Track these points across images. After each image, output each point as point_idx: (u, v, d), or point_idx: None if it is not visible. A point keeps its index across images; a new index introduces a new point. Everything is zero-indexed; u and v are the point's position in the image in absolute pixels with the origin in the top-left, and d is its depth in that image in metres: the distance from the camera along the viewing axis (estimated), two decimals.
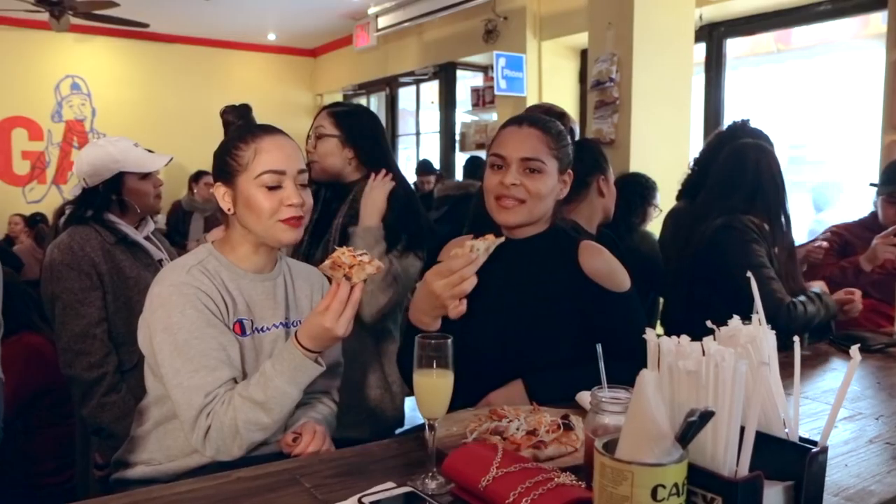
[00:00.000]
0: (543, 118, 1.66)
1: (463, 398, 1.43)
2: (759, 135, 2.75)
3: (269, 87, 8.91)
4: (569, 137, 1.65)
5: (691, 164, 2.94)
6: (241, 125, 1.51)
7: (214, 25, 8.06)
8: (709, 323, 1.46)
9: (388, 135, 7.55)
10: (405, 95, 8.20)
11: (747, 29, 5.02)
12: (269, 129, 1.49)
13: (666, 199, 3.87)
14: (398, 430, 2.06)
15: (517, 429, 1.26)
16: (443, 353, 1.11)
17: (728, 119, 4.28)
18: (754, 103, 5.58)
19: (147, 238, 2.21)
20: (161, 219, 5.84)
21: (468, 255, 1.36)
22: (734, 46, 5.18)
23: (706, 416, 0.83)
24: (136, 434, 1.52)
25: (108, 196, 2.13)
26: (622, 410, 1.07)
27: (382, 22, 7.03)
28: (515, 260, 1.58)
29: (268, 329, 1.50)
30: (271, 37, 8.71)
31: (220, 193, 1.47)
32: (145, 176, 2.19)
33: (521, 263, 1.60)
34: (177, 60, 8.37)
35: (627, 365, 1.39)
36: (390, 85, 8.11)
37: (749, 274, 1.28)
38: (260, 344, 1.48)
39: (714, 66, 5.09)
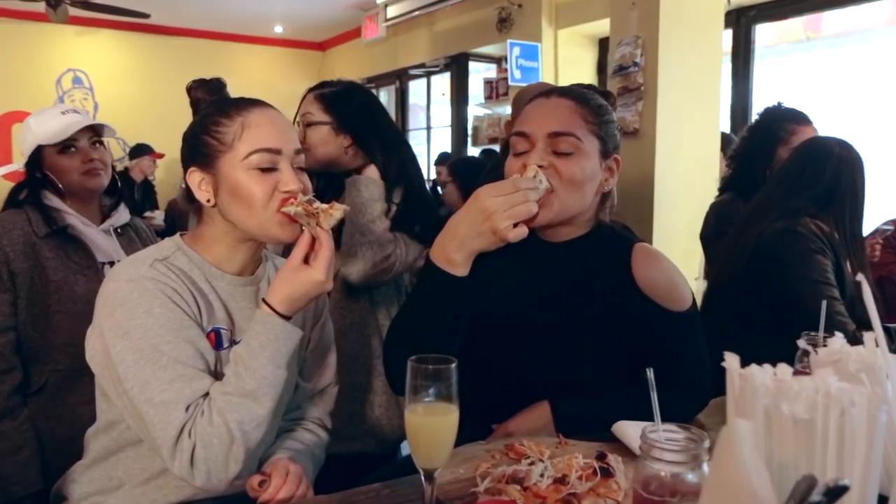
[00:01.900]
0: (578, 89, 1.37)
1: (473, 424, 1.16)
2: (798, 116, 2.50)
3: (275, 82, 8.67)
4: (614, 115, 1.34)
5: (727, 156, 2.68)
6: (217, 100, 1.23)
7: (219, 17, 7.86)
8: (801, 343, 1.18)
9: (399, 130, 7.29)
10: (416, 88, 7.94)
11: (777, 13, 4.74)
12: (257, 102, 1.22)
13: (694, 194, 3.60)
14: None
15: (541, 475, 0.98)
16: (445, 381, 0.83)
17: (756, 112, 4.03)
18: (782, 95, 5.29)
19: (117, 231, 1.88)
20: (160, 215, 5.61)
21: (532, 180, 1.14)
22: (762, 34, 4.90)
23: (835, 492, 0.55)
24: (81, 463, 1.27)
25: (32, 175, 1.82)
26: (684, 460, 0.81)
27: (392, 12, 6.79)
28: (551, 268, 1.31)
29: None
30: (278, 29, 8.51)
31: (195, 181, 1.20)
32: (65, 149, 1.81)
33: (558, 272, 1.31)
34: (181, 54, 8.14)
35: (680, 396, 1.14)
36: (400, 78, 7.85)
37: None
38: None
39: (742, 54, 4.81)
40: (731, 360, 0.70)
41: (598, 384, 1.27)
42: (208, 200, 1.19)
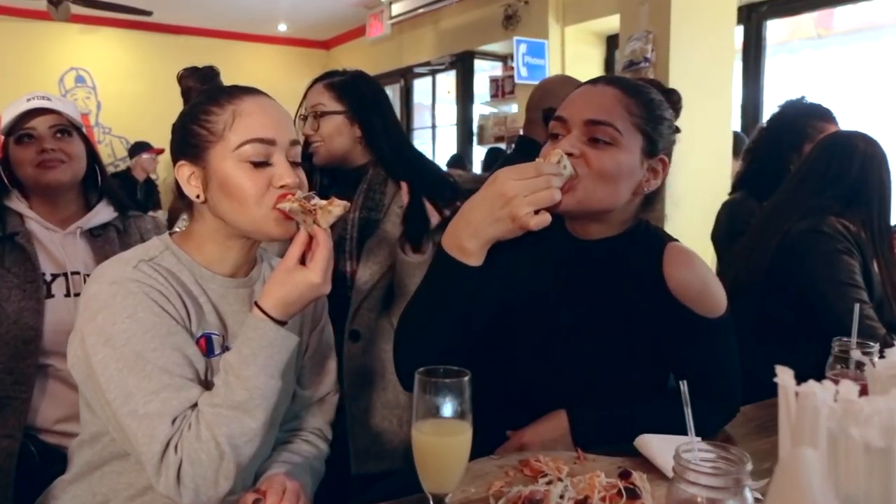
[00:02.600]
0: (631, 80, 1.25)
1: (484, 431, 1.08)
2: (826, 113, 2.40)
3: (279, 81, 8.55)
4: (670, 114, 1.22)
5: (743, 151, 2.58)
6: (207, 88, 1.14)
7: (223, 16, 7.80)
8: (850, 350, 1.10)
9: (403, 128, 7.22)
10: (421, 87, 7.86)
11: (789, 9, 4.64)
12: (251, 90, 1.13)
13: (706, 193, 3.50)
14: None
15: (561, 496, 0.90)
16: (457, 396, 0.74)
17: (767, 110, 3.93)
18: (793, 93, 5.19)
19: (91, 233, 1.68)
20: (162, 216, 5.53)
21: (556, 165, 1.05)
22: (772, 31, 4.81)
23: None
24: (63, 479, 1.19)
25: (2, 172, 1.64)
26: (724, 484, 0.73)
27: (396, 9, 6.71)
28: (578, 266, 1.23)
29: None
30: (282, 28, 8.44)
31: (184, 175, 1.11)
32: (21, 138, 1.62)
33: (585, 271, 1.23)
34: (184, 53, 8.05)
35: (709, 408, 1.06)
36: (405, 76, 7.77)
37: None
38: None
39: (753, 51, 4.72)
40: (784, 376, 0.62)
41: (619, 392, 1.18)
42: (198, 196, 1.11)
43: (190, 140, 1.10)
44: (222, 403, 0.99)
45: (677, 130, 1.24)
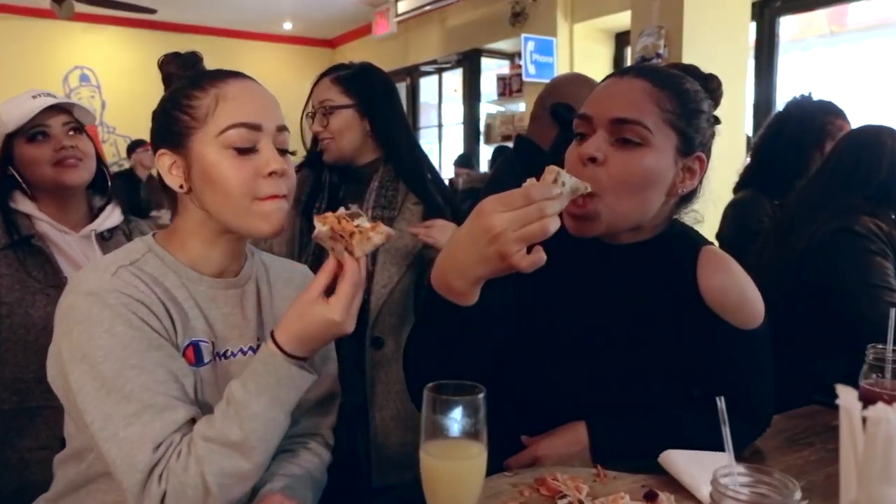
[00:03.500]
0: (662, 68, 1.14)
1: (496, 442, 0.99)
2: (839, 110, 2.31)
3: (285, 80, 8.48)
4: (709, 105, 1.11)
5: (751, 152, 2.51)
6: (191, 73, 1.07)
7: (228, 14, 7.77)
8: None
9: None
10: (427, 85, 7.80)
11: (802, 5, 4.55)
12: (235, 73, 1.06)
13: (720, 192, 3.42)
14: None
15: None
16: (470, 415, 0.66)
17: (780, 108, 3.85)
18: (806, 90, 5.10)
19: (102, 237, 1.62)
20: (166, 214, 5.47)
21: (551, 187, 0.88)
22: (785, 27, 4.71)
23: None
24: (45, 497, 1.11)
25: (4, 172, 1.55)
26: None
27: (402, 7, 6.66)
28: (605, 272, 1.13)
29: (234, 354, 1.08)
30: (287, 26, 8.40)
31: (165, 165, 1.03)
32: (34, 136, 1.55)
33: (613, 277, 1.13)
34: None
35: (741, 423, 0.96)
36: (411, 75, 7.70)
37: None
38: (225, 374, 1.05)
39: (766, 49, 4.63)
40: (846, 396, 0.54)
41: (641, 404, 1.10)
42: (181, 186, 1.03)
43: (171, 127, 1.03)
44: (216, 438, 0.91)
45: (717, 122, 1.13)
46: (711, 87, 1.14)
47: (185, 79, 1.08)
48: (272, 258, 1.22)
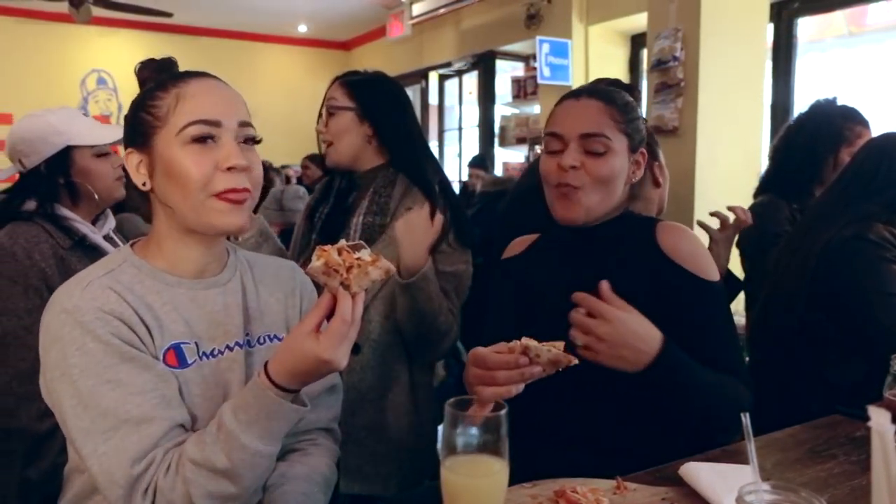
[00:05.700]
0: (605, 88, 1.42)
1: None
2: (861, 116, 2.28)
3: (299, 82, 8.62)
4: (639, 109, 1.40)
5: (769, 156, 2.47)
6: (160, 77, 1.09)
7: (243, 17, 7.82)
8: None
9: (424, 130, 7.16)
10: (443, 88, 7.80)
11: (821, 6, 4.49)
12: (199, 73, 1.07)
13: (737, 196, 3.39)
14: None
15: None
16: (493, 432, 0.66)
17: (798, 111, 3.81)
18: (824, 92, 5.05)
19: (107, 238, 1.72)
20: None
21: (514, 359, 0.94)
22: (803, 28, 4.67)
23: None
24: None
25: (55, 180, 1.62)
26: None
27: (417, 9, 6.64)
28: (582, 251, 1.36)
29: (221, 352, 1.07)
30: (302, 29, 8.44)
31: (133, 164, 1.05)
32: (105, 154, 1.69)
33: (589, 255, 1.34)
34: (204, 54, 8.07)
35: (734, 380, 1.21)
36: (426, 77, 7.70)
37: None
38: (213, 373, 1.05)
39: (783, 50, 4.57)
40: (878, 417, 0.53)
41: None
42: (144, 184, 1.05)
43: (137, 128, 1.05)
44: (203, 464, 0.91)
45: (645, 121, 1.41)
46: (635, 95, 1.47)
47: (153, 81, 1.09)
48: (256, 255, 1.23)
